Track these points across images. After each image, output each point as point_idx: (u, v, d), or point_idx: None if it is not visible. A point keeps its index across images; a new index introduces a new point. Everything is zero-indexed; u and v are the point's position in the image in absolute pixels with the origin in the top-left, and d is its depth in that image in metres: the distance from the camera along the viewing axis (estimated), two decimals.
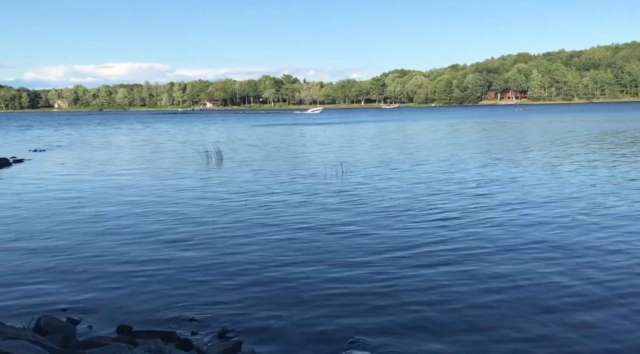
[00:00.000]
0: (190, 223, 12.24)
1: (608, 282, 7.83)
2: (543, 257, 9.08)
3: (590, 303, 7.07)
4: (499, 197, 14.56)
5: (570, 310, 6.83)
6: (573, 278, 8.02)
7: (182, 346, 5.80)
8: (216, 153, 27.68)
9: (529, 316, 6.66)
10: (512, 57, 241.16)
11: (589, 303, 7.05)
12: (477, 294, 7.44)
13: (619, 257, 8.99)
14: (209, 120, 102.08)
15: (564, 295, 7.34)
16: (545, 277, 8.08)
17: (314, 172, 20.68)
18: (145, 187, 18.04)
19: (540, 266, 8.61)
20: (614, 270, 8.35)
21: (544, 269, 8.42)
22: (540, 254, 9.27)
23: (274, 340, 6.18)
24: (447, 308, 6.98)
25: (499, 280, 8.00)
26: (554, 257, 9.07)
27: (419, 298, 7.33)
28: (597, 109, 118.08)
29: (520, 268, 8.51)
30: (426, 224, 11.62)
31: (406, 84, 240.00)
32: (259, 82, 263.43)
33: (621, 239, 10.09)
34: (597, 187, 16.00)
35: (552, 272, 8.30)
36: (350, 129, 59.96)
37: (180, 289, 7.89)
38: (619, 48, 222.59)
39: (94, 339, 5.72)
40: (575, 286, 7.69)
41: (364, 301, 7.25)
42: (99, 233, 11.46)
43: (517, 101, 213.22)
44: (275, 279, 8.23)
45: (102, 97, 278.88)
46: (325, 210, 13.38)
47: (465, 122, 70.31)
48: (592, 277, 8.04)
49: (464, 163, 22.97)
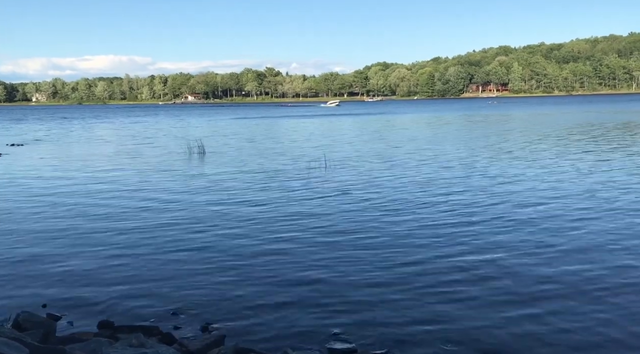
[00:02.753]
0: (173, 218, 12.15)
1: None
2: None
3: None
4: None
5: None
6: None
7: (165, 340, 5.78)
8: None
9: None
10: (493, 50, 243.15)
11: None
12: (461, 288, 7.49)
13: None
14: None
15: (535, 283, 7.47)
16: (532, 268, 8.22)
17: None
18: (124, 181, 17.85)
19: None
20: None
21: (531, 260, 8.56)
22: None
23: (256, 334, 6.18)
24: (429, 304, 7.04)
25: (486, 272, 8.09)
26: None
27: (401, 294, 7.38)
28: (566, 102, 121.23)
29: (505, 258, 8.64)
30: (410, 218, 11.71)
31: (389, 77, 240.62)
32: (241, 75, 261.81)
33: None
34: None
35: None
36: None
37: (163, 284, 7.84)
38: (598, 41, 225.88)
39: (75, 335, 5.66)
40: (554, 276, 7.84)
41: (347, 295, 7.28)
42: (77, 228, 11.32)
43: (498, 93, 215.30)
44: (258, 274, 8.21)
45: (81, 91, 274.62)
46: (313, 203, 13.40)
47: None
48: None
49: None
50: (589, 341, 5.82)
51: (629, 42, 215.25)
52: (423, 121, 57.92)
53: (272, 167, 20.53)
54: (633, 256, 8.64)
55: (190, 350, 5.34)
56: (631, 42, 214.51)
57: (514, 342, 5.81)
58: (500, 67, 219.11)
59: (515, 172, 17.82)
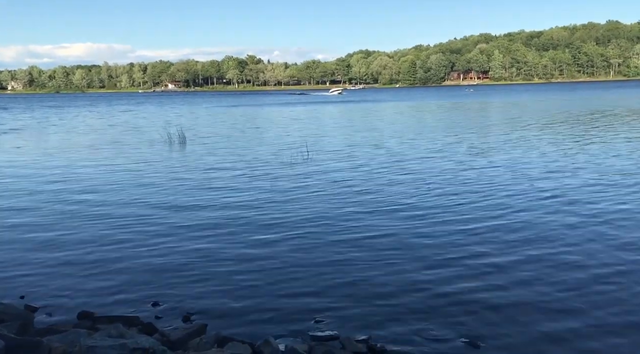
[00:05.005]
0: (153, 208, 12.02)
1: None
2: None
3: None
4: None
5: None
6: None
7: (146, 330, 5.73)
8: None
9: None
10: (474, 37, 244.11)
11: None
12: (445, 277, 7.53)
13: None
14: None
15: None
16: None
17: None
18: (103, 171, 17.59)
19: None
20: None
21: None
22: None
23: (238, 322, 6.16)
24: (415, 290, 7.09)
25: (465, 256, 8.18)
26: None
27: (384, 278, 7.42)
28: (544, 89, 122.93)
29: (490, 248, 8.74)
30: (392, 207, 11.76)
31: (371, 65, 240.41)
32: (222, 62, 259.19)
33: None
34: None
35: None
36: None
37: (144, 274, 7.77)
38: (576, 29, 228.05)
39: (53, 327, 5.58)
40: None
41: (329, 282, 7.29)
42: (57, 217, 11.15)
43: (479, 81, 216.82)
44: (240, 262, 8.19)
45: (58, 79, 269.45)
46: (293, 192, 13.37)
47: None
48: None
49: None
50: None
51: (606, 30, 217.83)
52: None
53: (253, 157, 20.42)
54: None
55: (171, 340, 5.30)
56: (609, 30, 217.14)
57: (497, 319, 5.90)
58: (481, 55, 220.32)
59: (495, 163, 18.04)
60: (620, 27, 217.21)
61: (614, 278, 7.17)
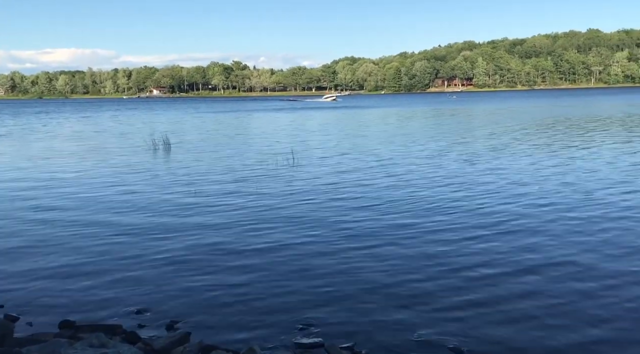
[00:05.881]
0: (136, 215, 11.91)
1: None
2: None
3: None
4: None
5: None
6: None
7: (128, 339, 5.67)
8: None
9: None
10: (458, 45, 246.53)
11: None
12: (431, 286, 7.56)
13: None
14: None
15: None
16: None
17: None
18: (84, 177, 17.40)
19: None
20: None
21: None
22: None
23: (222, 330, 6.12)
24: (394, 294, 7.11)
25: (453, 263, 8.22)
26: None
27: (369, 286, 7.42)
28: (526, 96, 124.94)
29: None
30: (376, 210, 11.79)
31: (356, 72, 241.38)
32: (208, 68, 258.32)
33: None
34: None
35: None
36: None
37: (127, 283, 7.68)
38: (558, 37, 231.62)
39: (34, 336, 5.49)
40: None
41: (314, 289, 7.27)
42: (37, 225, 10.99)
43: (463, 88, 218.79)
44: (223, 270, 8.13)
45: (41, 85, 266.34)
46: (276, 198, 13.34)
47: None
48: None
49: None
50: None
51: (587, 38, 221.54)
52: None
53: (239, 162, 20.35)
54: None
55: (154, 348, 5.24)
56: (589, 38, 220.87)
57: (483, 327, 5.93)
58: (465, 62, 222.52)
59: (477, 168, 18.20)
60: (601, 36, 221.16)
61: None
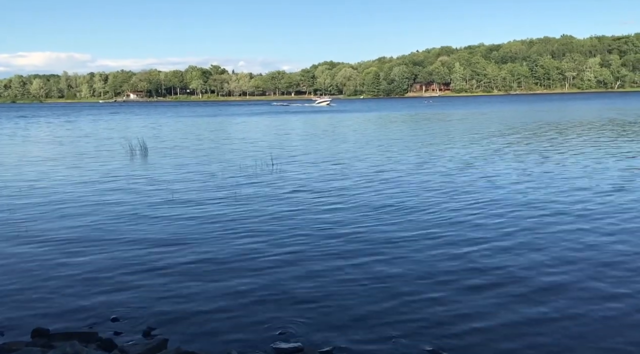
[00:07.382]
0: (113, 220, 11.73)
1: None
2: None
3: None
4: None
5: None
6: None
7: (104, 346, 5.57)
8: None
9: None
10: (435, 50, 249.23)
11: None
12: (413, 284, 7.58)
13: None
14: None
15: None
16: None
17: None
18: (59, 182, 17.08)
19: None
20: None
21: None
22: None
23: (200, 337, 6.05)
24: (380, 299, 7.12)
25: (443, 268, 8.26)
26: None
27: (349, 289, 7.42)
28: (500, 101, 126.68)
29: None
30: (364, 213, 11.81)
31: (335, 76, 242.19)
32: (186, 72, 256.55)
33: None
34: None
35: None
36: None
37: (103, 289, 7.55)
38: (533, 42, 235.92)
39: (5, 346, 5.35)
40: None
41: (291, 294, 7.24)
42: (14, 232, 10.74)
43: (441, 93, 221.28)
44: (201, 277, 8.04)
45: (15, 88, 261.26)
46: (254, 203, 13.28)
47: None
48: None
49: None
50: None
51: (561, 44, 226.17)
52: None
53: (218, 167, 20.22)
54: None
55: None
56: (563, 44, 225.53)
57: (461, 331, 5.97)
58: (442, 67, 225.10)
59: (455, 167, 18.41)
60: (574, 42, 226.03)
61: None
